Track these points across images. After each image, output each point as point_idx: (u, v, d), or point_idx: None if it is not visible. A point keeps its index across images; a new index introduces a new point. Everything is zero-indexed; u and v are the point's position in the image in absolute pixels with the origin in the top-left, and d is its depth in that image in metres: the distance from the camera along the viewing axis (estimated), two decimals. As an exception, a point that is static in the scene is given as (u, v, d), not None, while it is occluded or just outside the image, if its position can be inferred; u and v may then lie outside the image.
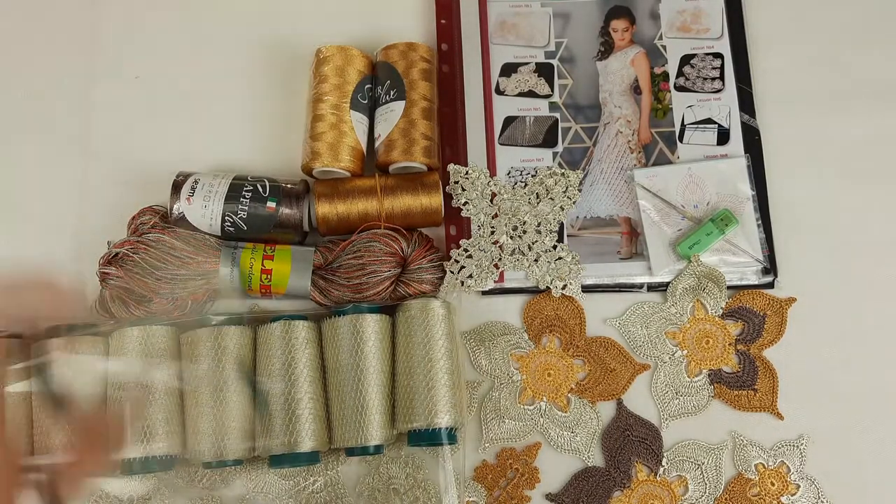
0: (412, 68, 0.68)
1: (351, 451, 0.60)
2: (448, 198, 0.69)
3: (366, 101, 0.68)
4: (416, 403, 0.59)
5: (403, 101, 0.67)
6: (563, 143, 0.71)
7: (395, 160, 0.66)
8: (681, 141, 0.71)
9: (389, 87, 0.67)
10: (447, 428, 0.58)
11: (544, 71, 0.73)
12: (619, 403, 0.65)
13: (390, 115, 0.67)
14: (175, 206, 0.64)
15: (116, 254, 0.62)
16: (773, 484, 0.63)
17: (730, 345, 0.66)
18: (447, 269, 0.66)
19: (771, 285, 0.67)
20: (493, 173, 0.70)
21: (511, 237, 0.68)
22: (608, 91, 0.73)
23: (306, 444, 0.58)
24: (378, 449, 0.59)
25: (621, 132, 0.72)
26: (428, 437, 0.59)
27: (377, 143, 0.68)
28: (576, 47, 0.74)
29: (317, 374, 0.61)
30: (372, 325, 0.60)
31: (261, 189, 0.65)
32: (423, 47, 0.69)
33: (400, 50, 0.68)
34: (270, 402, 0.59)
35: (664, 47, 0.74)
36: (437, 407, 0.58)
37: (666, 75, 0.73)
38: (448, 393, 0.59)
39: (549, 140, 0.72)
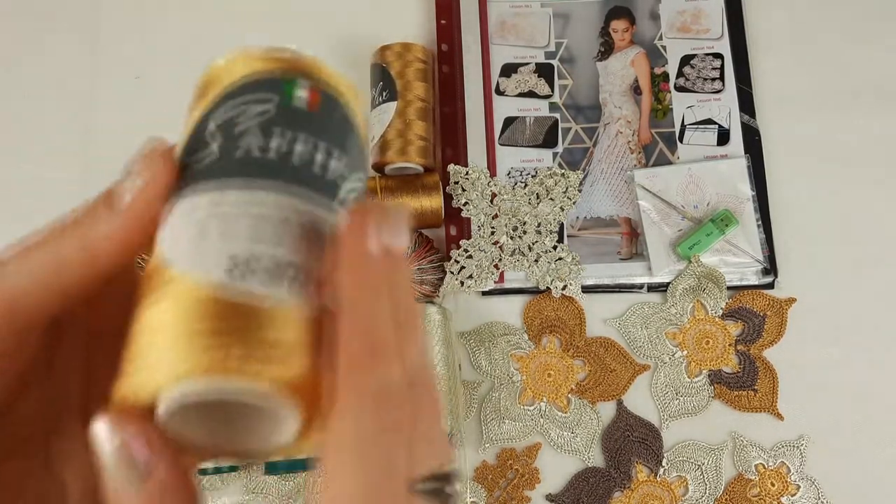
0: (407, 69, 0.67)
1: None
2: (448, 198, 0.69)
3: None
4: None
5: (395, 102, 0.67)
6: (563, 143, 0.71)
7: (390, 161, 0.66)
8: (681, 141, 0.71)
9: (382, 88, 0.67)
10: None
11: (544, 71, 0.73)
12: (620, 404, 0.65)
13: (384, 116, 0.67)
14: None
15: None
16: (773, 484, 0.63)
17: (730, 345, 0.66)
18: (447, 270, 0.66)
19: (771, 286, 0.67)
20: (493, 174, 0.70)
21: (511, 237, 0.68)
22: (608, 91, 0.73)
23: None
24: None
25: (621, 132, 0.72)
26: None
27: (372, 145, 0.68)
28: (576, 48, 0.74)
29: None
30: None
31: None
32: (418, 48, 0.69)
33: (395, 51, 0.68)
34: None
35: (664, 48, 0.74)
36: None
37: (666, 76, 0.73)
38: (444, 399, 0.59)
39: (549, 140, 0.72)
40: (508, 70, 0.73)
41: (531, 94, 0.73)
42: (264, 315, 0.19)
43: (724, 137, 0.71)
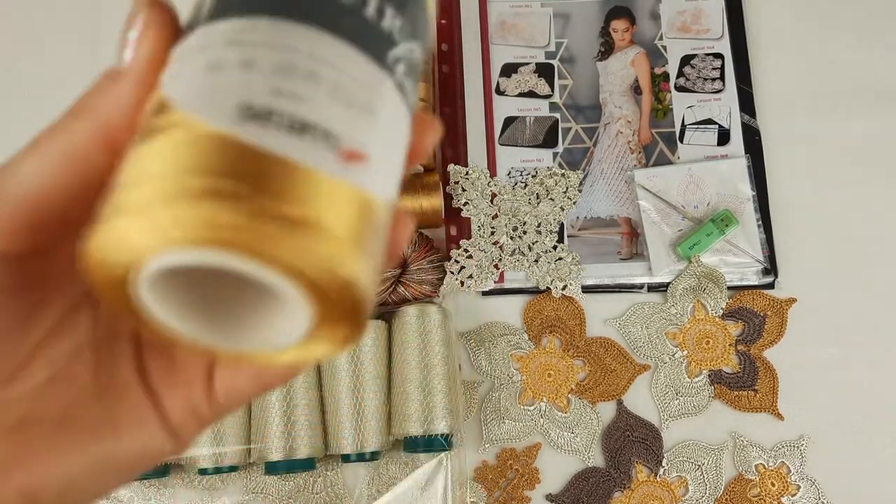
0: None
1: (346, 458, 0.60)
2: (448, 198, 0.69)
3: None
4: (411, 410, 0.59)
5: None
6: (563, 143, 0.71)
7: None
8: (681, 141, 0.71)
9: None
10: (443, 434, 0.59)
11: (544, 71, 0.73)
12: (620, 404, 0.65)
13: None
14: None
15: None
16: (773, 484, 0.63)
17: (730, 345, 0.66)
18: (447, 270, 0.66)
19: (771, 286, 0.67)
20: (493, 174, 0.70)
21: (511, 237, 0.68)
22: (608, 91, 0.73)
23: (302, 451, 0.58)
24: (374, 455, 0.60)
25: (621, 132, 0.72)
26: (424, 444, 0.59)
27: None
28: (576, 47, 0.74)
29: (313, 380, 0.61)
30: (368, 332, 0.60)
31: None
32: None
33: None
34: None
35: (664, 47, 0.74)
36: (433, 413, 0.58)
37: (666, 75, 0.73)
38: (444, 399, 0.59)
39: (549, 140, 0.72)
40: (508, 70, 0.73)
41: (531, 94, 0.73)
42: (284, 172, 0.15)
43: (724, 137, 0.71)
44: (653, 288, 0.68)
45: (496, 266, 0.67)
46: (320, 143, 0.16)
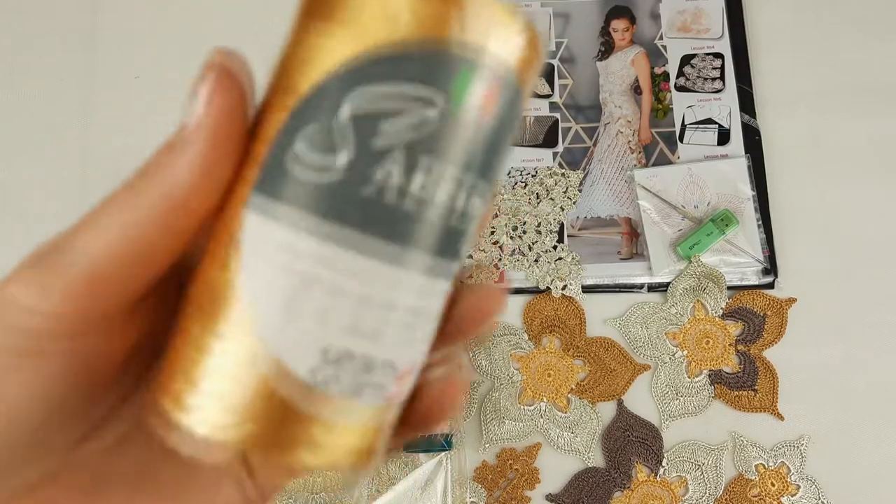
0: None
1: None
2: (448, 198, 0.69)
3: None
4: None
5: None
6: (563, 143, 0.71)
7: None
8: (681, 141, 0.71)
9: None
10: (443, 434, 0.59)
11: (544, 71, 0.73)
12: (620, 404, 0.65)
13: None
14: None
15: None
16: (773, 484, 0.63)
17: (730, 345, 0.66)
18: (447, 270, 0.66)
19: (771, 286, 0.67)
20: (493, 173, 0.70)
21: (511, 237, 0.68)
22: (608, 91, 0.73)
23: None
24: None
25: (621, 132, 0.72)
26: (424, 444, 0.59)
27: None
28: (576, 47, 0.74)
29: None
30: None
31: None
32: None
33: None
34: None
35: (664, 47, 0.74)
36: None
37: (666, 75, 0.73)
38: None
39: (549, 140, 0.72)
40: (508, 70, 0.73)
41: (531, 94, 0.73)
42: (335, 426, 0.17)
43: (724, 137, 0.71)
44: (653, 288, 0.68)
45: (496, 266, 0.67)
46: (380, 389, 0.17)
